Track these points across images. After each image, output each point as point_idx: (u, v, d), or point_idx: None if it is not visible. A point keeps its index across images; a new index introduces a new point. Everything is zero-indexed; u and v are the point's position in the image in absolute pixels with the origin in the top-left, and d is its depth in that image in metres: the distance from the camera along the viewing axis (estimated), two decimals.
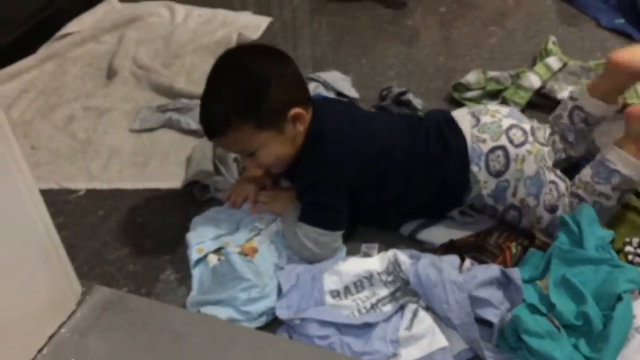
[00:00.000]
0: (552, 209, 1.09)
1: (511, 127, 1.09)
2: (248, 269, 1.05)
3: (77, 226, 1.25)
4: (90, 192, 1.34)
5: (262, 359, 0.91)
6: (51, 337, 0.92)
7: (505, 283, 0.98)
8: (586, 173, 1.09)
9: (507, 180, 1.08)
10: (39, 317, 0.91)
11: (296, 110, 1.05)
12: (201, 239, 1.14)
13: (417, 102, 1.42)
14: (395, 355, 0.95)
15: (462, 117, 1.13)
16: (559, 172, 1.12)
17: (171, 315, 0.98)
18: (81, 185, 1.36)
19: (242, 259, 1.07)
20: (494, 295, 0.96)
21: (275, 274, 1.07)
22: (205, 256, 1.11)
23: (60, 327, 0.94)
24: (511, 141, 1.07)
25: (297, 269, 1.07)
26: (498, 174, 1.08)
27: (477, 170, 1.08)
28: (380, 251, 1.10)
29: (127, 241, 1.22)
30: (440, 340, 0.95)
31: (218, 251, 1.12)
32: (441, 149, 1.10)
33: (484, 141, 1.08)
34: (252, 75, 1.04)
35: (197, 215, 1.20)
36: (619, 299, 0.92)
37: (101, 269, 1.16)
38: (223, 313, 1.02)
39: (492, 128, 1.09)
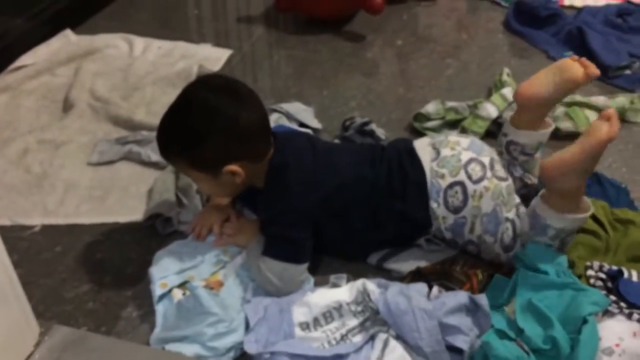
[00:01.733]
0: (508, 248, 1.08)
1: (470, 160, 1.10)
2: (214, 303, 1.02)
3: (32, 263, 1.20)
4: (46, 228, 1.29)
5: None
6: None
7: (473, 309, 0.99)
8: (525, 221, 1.07)
9: (465, 217, 1.09)
10: None
11: (230, 168, 1.06)
12: (164, 273, 1.11)
13: (380, 132, 1.44)
14: None
15: (422, 148, 1.15)
16: (522, 208, 1.10)
17: (135, 353, 0.95)
18: (36, 220, 1.31)
19: (208, 293, 1.05)
20: (463, 321, 0.97)
21: (242, 307, 1.05)
22: (169, 291, 1.09)
23: None
24: (469, 177, 1.08)
25: (264, 302, 1.05)
26: (456, 210, 1.09)
27: (436, 206, 1.09)
28: (348, 281, 1.10)
29: (86, 278, 1.17)
30: None
31: (182, 285, 1.09)
32: (401, 183, 1.11)
33: (443, 176, 1.09)
34: (197, 120, 1.04)
35: (159, 249, 1.17)
36: (584, 321, 0.94)
37: (58, 307, 1.11)
38: (189, 349, 0.99)
39: (451, 162, 1.10)
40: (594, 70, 1.08)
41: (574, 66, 1.08)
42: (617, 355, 0.91)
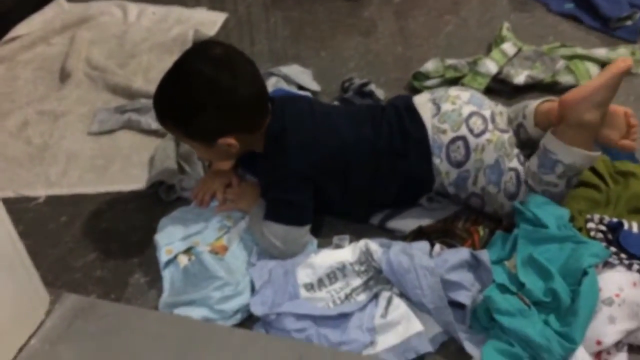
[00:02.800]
0: (512, 196, 1.10)
1: (471, 114, 1.09)
2: (220, 267, 1.04)
3: (39, 234, 1.21)
4: (50, 199, 1.30)
5: (242, 357, 0.90)
6: (21, 349, 0.90)
7: (474, 265, 1.00)
8: (533, 162, 1.09)
9: (468, 170, 1.09)
10: (7, 328, 0.88)
11: (225, 141, 1.06)
12: (169, 239, 1.13)
13: (379, 92, 1.43)
14: (372, 342, 0.96)
15: (422, 104, 1.14)
16: (522, 157, 1.12)
17: (144, 318, 0.96)
18: (40, 191, 1.32)
19: (213, 257, 1.06)
20: (465, 277, 0.98)
21: (247, 270, 1.07)
22: (175, 257, 1.10)
23: (30, 337, 0.91)
24: (471, 130, 1.08)
25: (269, 265, 1.07)
26: (459, 165, 1.09)
27: (439, 161, 1.10)
28: (351, 242, 1.11)
29: (93, 246, 1.19)
30: (415, 325, 0.96)
31: (188, 251, 1.11)
32: (403, 141, 1.11)
33: (444, 131, 1.09)
34: (193, 93, 1.03)
35: (163, 217, 1.18)
36: (585, 273, 0.95)
37: (67, 276, 1.13)
38: (197, 313, 1.01)
39: (452, 117, 1.09)
40: (632, 145, 1.08)
41: (619, 127, 1.08)
42: (617, 305, 0.92)
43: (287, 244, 1.08)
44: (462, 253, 1.00)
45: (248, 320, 1.02)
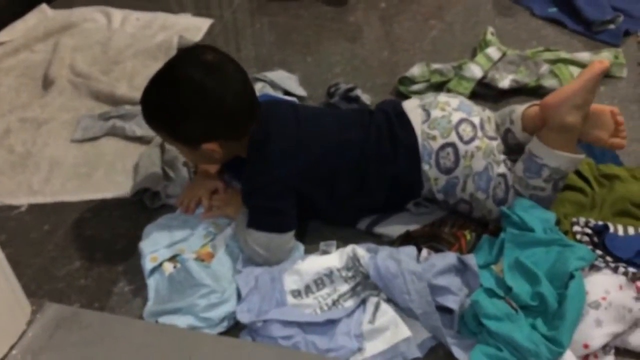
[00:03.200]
0: (501, 202, 1.10)
1: (461, 121, 1.09)
2: (206, 274, 1.03)
3: (21, 243, 1.20)
4: (33, 207, 1.28)
5: None
6: None
7: (462, 269, 1.00)
8: (518, 167, 1.09)
9: (457, 177, 1.09)
10: None
11: (208, 146, 1.06)
12: (154, 247, 1.11)
13: (365, 98, 1.43)
14: (360, 349, 0.95)
15: (412, 110, 1.13)
16: (509, 162, 1.12)
17: (129, 327, 0.95)
18: (22, 200, 1.30)
19: (199, 265, 1.05)
20: (453, 282, 0.98)
21: (233, 277, 1.06)
22: (160, 264, 1.09)
23: (11, 348, 0.90)
24: (460, 137, 1.08)
25: (255, 271, 1.06)
26: (448, 171, 1.09)
27: (428, 168, 1.09)
28: (338, 247, 1.10)
29: (76, 255, 1.17)
30: (403, 330, 0.95)
31: (173, 258, 1.09)
32: (392, 146, 1.11)
33: (434, 138, 1.09)
34: (181, 98, 1.02)
35: (148, 224, 1.17)
36: (571, 276, 0.95)
37: (50, 285, 1.11)
38: (182, 321, 0.99)
39: (441, 123, 1.09)
40: (621, 143, 1.09)
41: (607, 126, 1.09)
42: (603, 308, 0.93)
43: (271, 252, 1.07)
44: (450, 258, 1.00)
45: (234, 328, 1.01)
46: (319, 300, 1.01)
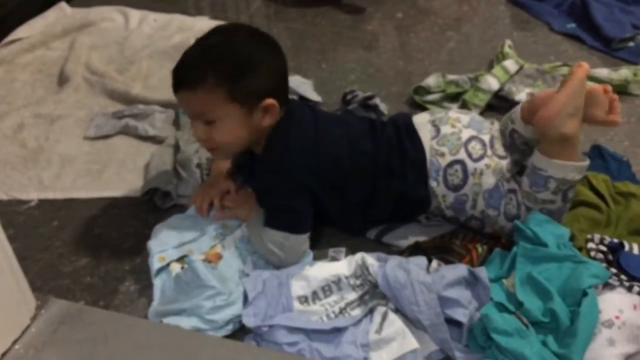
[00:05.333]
0: (513, 218, 1.08)
1: (470, 139, 1.08)
2: (212, 276, 1.02)
3: (29, 238, 1.20)
4: (43, 202, 1.28)
5: None
6: (4, 354, 0.87)
7: (472, 282, 0.99)
8: (525, 183, 1.07)
9: (466, 194, 1.07)
10: None
11: (271, 101, 1.03)
12: (163, 246, 1.11)
13: (383, 107, 1.42)
14: (365, 359, 0.93)
15: (422, 125, 1.12)
16: (518, 178, 1.10)
17: (132, 326, 0.94)
18: (32, 195, 1.30)
19: (206, 266, 1.04)
20: (462, 294, 0.96)
21: (240, 280, 1.05)
22: (167, 265, 1.08)
23: (14, 343, 0.89)
24: (469, 155, 1.07)
25: (263, 275, 1.05)
26: (456, 188, 1.07)
27: (435, 184, 1.08)
28: (347, 255, 1.09)
29: (83, 252, 1.17)
30: (410, 342, 0.94)
31: (181, 259, 1.08)
32: (400, 162, 1.09)
33: (442, 154, 1.07)
34: (249, 47, 1.03)
35: (156, 224, 1.17)
36: (584, 294, 0.93)
37: (56, 281, 1.11)
38: (187, 322, 0.98)
39: (451, 140, 1.08)
40: (616, 119, 1.06)
41: (602, 104, 1.05)
42: (616, 328, 0.90)
43: (286, 251, 1.06)
44: (460, 270, 0.98)
45: (239, 332, 1.00)
46: (326, 308, 1.00)
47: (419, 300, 0.95)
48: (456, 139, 1.08)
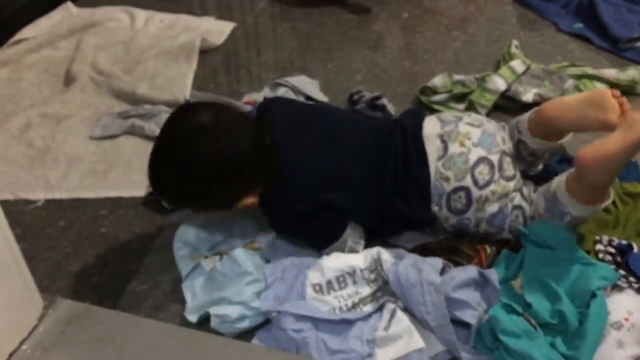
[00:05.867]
0: (519, 231, 1.06)
1: (478, 162, 1.04)
2: (250, 263, 1.03)
3: (36, 238, 1.20)
4: (49, 202, 1.28)
5: None
6: (11, 354, 0.87)
7: (482, 284, 0.98)
8: (540, 202, 1.04)
9: (469, 218, 1.06)
10: None
11: (245, 201, 1.04)
12: (195, 251, 1.10)
13: (390, 107, 1.42)
14: (370, 355, 0.93)
15: (431, 139, 1.08)
16: (525, 191, 1.08)
17: (139, 326, 0.94)
18: (39, 195, 1.30)
19: (245, 252, 1.05)
20: (472, 296, 0.96)
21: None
22: (198, 264, 1.08)
23: (21, 343, 0.89)
24: (475, 182, 1.04)
25: (284, 263, 1.05)
26: (459, 212, 1.06)
27: (438, 209, 1.07)
28: (365, 248, 1.09)
29: (90, 252, 1.17)
30: (416, 341, 0.94)
31: (212, 257, 1.08)
32: (405, 183, 1.07)
33: (447, 179, 1.05)
34: (196, 178, 0.99)
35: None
36: (593, 295, 0.93)
37: (63, 281, 1.11)
38: (232, 310, 0.99)
39: (457, 163, 1.04)
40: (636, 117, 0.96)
41: (612, 109, 0.97)
42: (625, 330, 0.90)
43: (334, 252, 1.07)
44: (470, 271, 0.98)
45: (249, 331, 1.00)
46: (340, 300, 1.00)
47: (427, 301, 0.95)
48: (463, 162, 1.04)
